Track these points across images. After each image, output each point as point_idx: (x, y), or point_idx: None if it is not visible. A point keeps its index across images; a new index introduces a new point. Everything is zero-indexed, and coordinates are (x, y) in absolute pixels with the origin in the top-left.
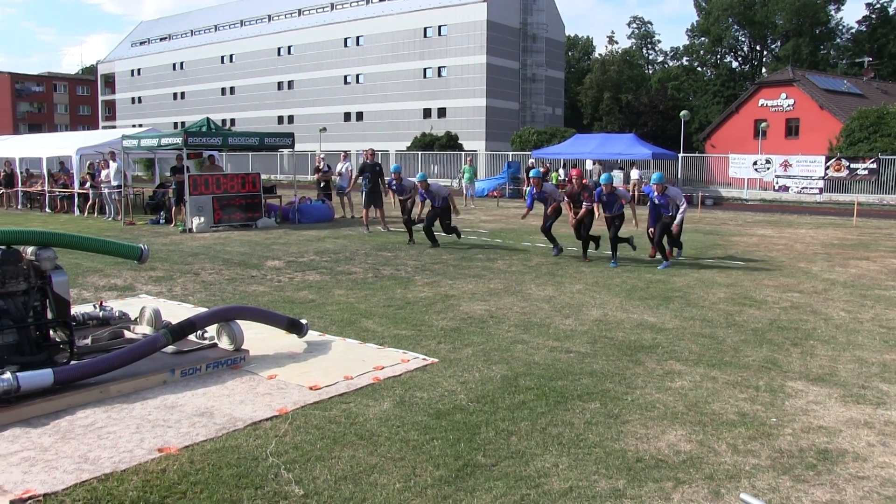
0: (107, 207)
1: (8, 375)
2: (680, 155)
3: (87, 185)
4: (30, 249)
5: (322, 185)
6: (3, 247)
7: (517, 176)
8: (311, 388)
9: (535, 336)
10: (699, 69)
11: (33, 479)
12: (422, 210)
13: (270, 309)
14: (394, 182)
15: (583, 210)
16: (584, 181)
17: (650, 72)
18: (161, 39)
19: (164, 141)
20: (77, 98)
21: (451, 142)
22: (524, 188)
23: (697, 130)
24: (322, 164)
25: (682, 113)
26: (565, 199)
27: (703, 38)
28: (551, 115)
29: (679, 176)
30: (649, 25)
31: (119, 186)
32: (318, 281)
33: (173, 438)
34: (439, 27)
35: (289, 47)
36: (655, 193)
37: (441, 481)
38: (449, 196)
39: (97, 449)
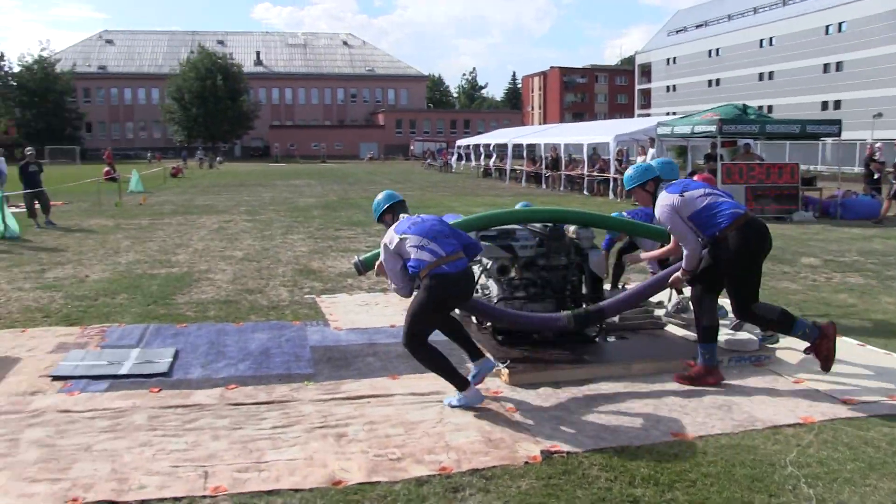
0: None
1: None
2: None
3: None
4: (572, 228)
5: (875, 177)
6: (550, 224)
7: None
8: (843, 401)
9: None
10: None
11: (560, 436)
12: None
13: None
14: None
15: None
16: None
17: None
18: (697, 27)
19: (698, 128)
20: (615, 88)
21: None
22: None
23: None
24: (879, 154)
25: None
26: None
27: None
28: None
29: None
30: None
31: None
32: (861, 284)
33: (688, 426)
34: None
35: (839, 24)
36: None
37: None
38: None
39: (615, 421)
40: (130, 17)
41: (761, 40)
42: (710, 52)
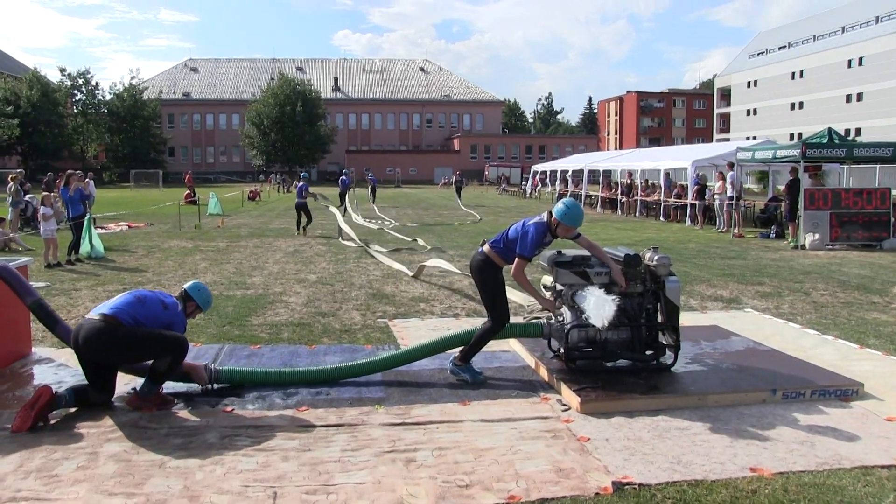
0: (717, 219)
1: None
2: None
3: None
4: (648, 254)
5: None
6: (628, 252)
7: None
8: None
9: None
10: None
11: (632, 467)
12: None
13: None
14: None
15: None
16: None
17: None
18: (780, 48)
19: (780, 153)
20: (693, 112)
21: None
22: None
23: None
24: None
25: None
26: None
27: None
28: None
29: None
30: None
31: (731, 198)
32: None
33: (767, 461)
34: None
35: None
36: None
37: None
38: None
39: (690, 454)
40: (215, 46)
41: (849, 61)
42: (793, 73)
